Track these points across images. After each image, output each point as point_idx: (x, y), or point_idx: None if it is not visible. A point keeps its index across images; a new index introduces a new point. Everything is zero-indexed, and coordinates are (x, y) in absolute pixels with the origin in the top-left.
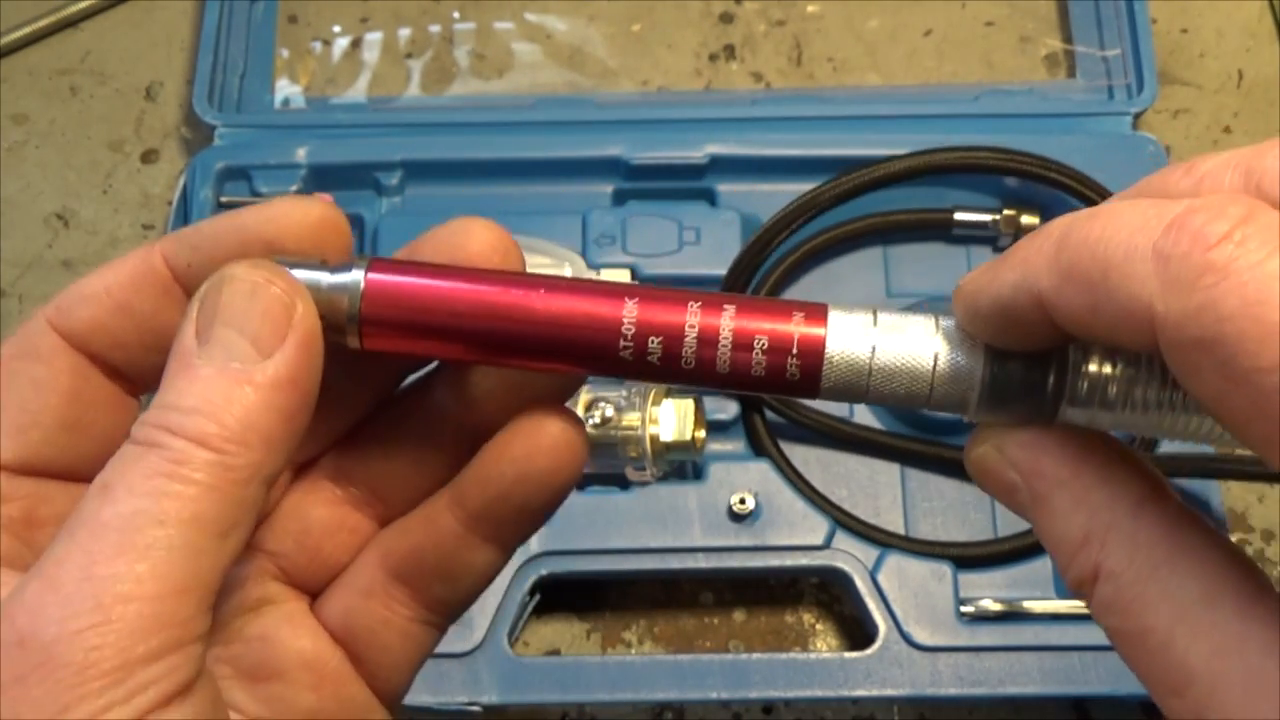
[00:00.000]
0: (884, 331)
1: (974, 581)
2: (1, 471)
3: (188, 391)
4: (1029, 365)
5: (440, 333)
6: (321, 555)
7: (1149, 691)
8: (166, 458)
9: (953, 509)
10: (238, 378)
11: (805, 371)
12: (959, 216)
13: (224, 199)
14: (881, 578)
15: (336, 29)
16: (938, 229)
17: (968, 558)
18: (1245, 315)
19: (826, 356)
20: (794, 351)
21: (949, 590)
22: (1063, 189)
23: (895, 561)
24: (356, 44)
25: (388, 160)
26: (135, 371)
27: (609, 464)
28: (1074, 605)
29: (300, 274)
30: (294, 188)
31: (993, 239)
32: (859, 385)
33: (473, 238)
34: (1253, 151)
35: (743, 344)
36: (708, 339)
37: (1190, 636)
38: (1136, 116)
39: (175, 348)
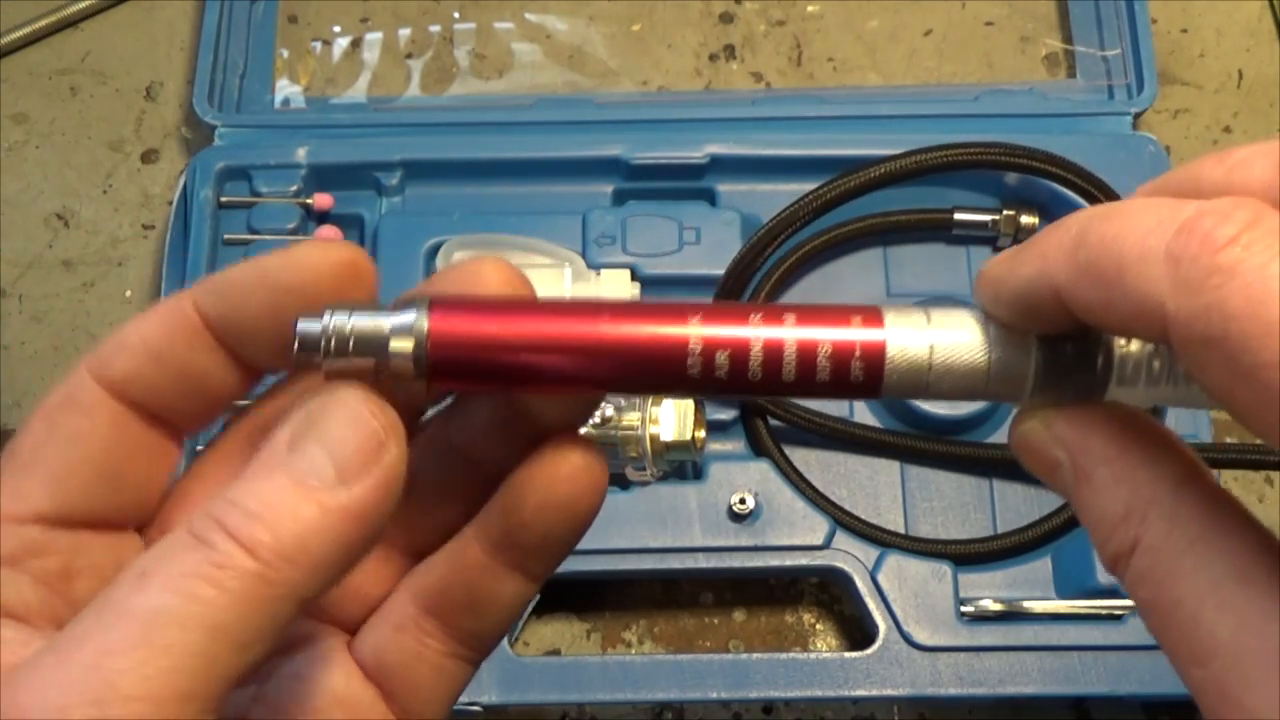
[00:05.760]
0: (939, 328)
1: (974, 581)
2: (40, 524)
3: (256, 493)
4: (1077, 349)
5: (506, 368)
6: (359, 591)
7: (1172, 661)
8: (209, 559)
9: (952, 508)
10: (309, 495)
11: (869, 373)
12: (959, 216)
13: (224, 199)
14: (881, 577)
15: (336, 29)
16: (938, 229)
17: (968, 555)
18: (1249, 315)
19: (888, 357)
20: (857, 354)
21: (949, 590)
22: (1069, 186)
23: (895, 561)
24: (356, 44)
25: (388, 160)
26: (175, 417)
27: (609, 464)
28: (1074, 605)
29: (361, 319)
30: (294, 188)
31: (993, 239)
32: (920, 382)
33: (486, 278)
34: None
35: (807, 352)
36: (773, 350)
37: (1219, 610)
38: (1136, 116)
39: (265, 448)
